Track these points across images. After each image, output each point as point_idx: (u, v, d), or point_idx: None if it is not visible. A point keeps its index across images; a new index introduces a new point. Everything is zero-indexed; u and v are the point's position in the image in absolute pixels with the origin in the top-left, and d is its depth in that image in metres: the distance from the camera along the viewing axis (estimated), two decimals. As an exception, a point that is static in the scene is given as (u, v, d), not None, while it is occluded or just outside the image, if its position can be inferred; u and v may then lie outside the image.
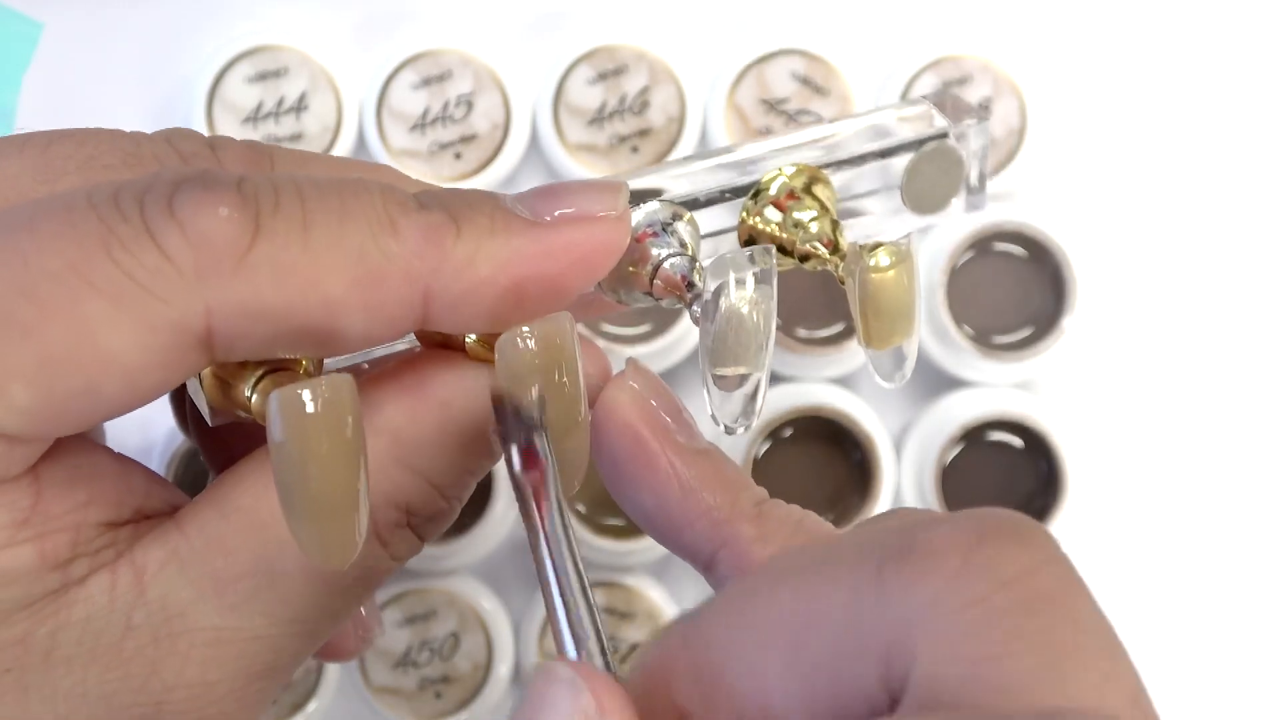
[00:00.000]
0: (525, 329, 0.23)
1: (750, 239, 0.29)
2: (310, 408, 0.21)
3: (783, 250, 0.28)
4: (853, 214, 0.30)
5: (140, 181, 0.23)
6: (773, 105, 0.47)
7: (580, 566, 0.23)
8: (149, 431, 0.46)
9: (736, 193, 0.28)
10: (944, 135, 0.29)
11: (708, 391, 0.26)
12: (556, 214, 0.24)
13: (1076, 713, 0.17)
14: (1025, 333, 0.48)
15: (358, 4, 0.48)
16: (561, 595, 0.22)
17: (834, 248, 0.28)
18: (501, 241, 0.24)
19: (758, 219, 0.29)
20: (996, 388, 0.48)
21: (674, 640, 0.22)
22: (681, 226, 0.27)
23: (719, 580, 0.25)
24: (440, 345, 0.26)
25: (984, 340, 0.47)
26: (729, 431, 0.27)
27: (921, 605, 0.19)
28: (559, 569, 0.23)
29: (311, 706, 0.47)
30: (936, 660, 0.18)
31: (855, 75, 0.47)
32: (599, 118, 0.47)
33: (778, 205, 0.29)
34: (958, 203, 0.30)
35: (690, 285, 0.26)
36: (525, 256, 0.24)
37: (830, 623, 0.19)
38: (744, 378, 0.26)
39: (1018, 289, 0.48)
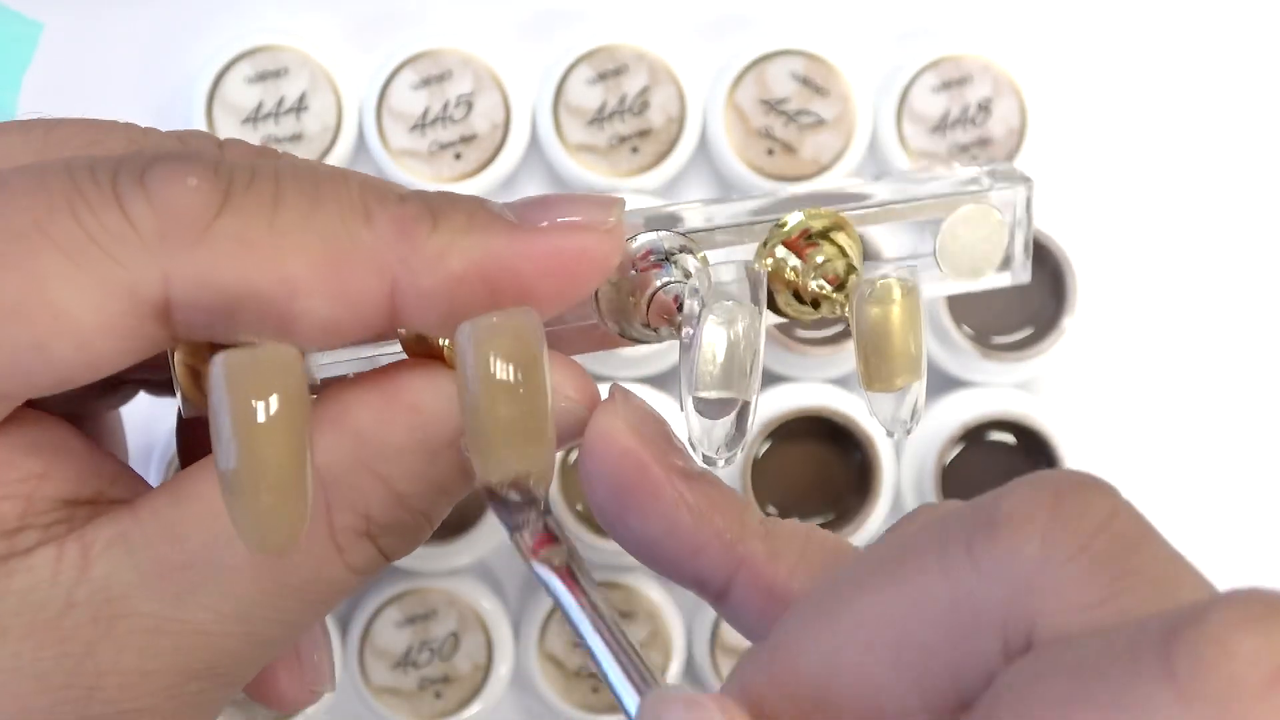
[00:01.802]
0: (486, 315, 0.22)
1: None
2: (251, 368, 0.21)
3: (798, 298, 0.27)
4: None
5: (121, 155, 0.23)
6: (773, 105, 0.47)
7: (622, 628, 0.23)
8: (151, 433, 0.46)
9: (754, 223, 0.27)
10: (983, 195, 0.28)
11: (688, 419, 0.25)
12: (543, 223, 0.24)
13: (1208, 602, 0.17)
14: (1025, 333, 0.48)
15: (358, 4, 0.48)
16: (623, 666, 0.22)
17: (840, 285, 0.27)
18: (477, 239, 0.23)
19: (770, 260, 0.27)
20: (996, 388, 0.48)
21: (754, 672, 0.21)
22: (688, 259, 0.26)
23: (733, 606, 0.25)
24: (425, 355, 0.25)
25: (984, 340, 0.47)
26: (709, 462, 0.25)
27: (1030, 567, 0.19)
28: (617, 643, 0.23)
29: (312, 706, 0.47)
30: (1059, 612, 0.19)
31: (855, 75, 0.47)
32: (599, 118, 0.47)
33: (789, 245, 0.27)
34: (1000, 270, 0.29)
35: (680, 307, 0.25)
36: (501, 256, 0.23)
37: (935, 610, 0.20)
38: (729, 404, 0.25)
39: (1018, 289, 0.47)
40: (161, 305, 0.22)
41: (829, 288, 0.27)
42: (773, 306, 0.28)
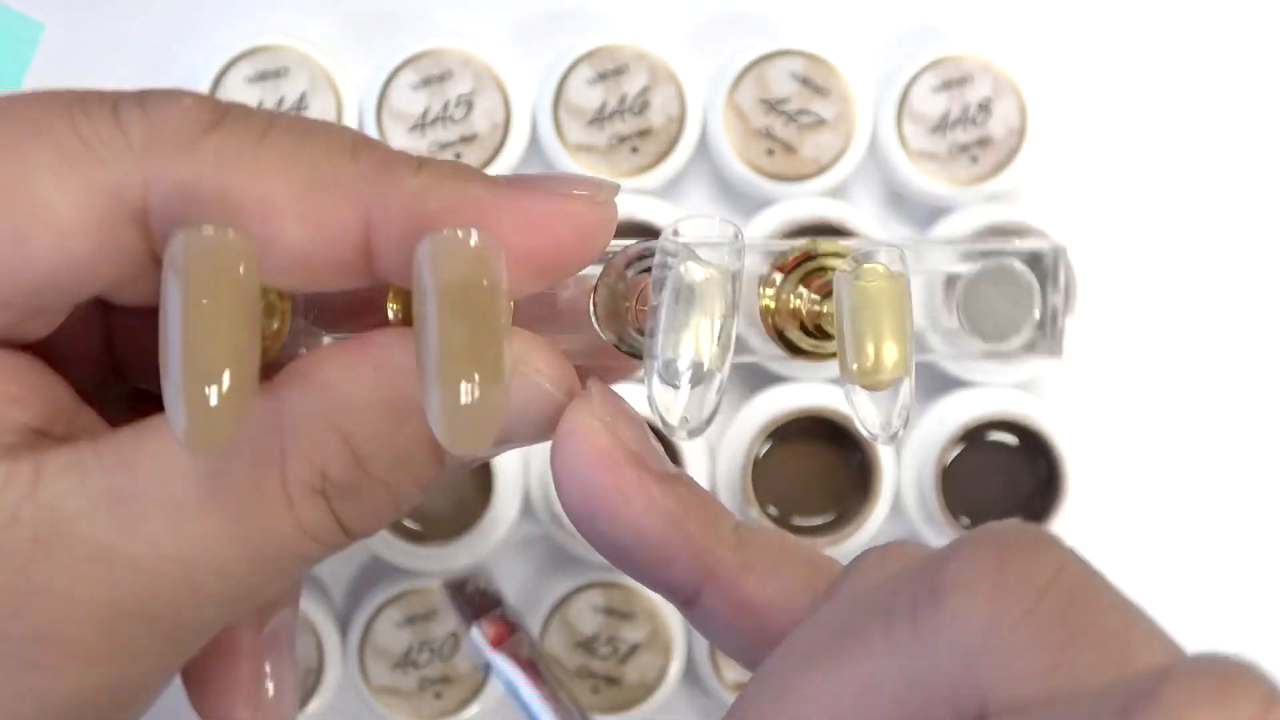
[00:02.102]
0: (448, 230, 0.22)
1: (764, 313, 0.26)
2: (203, 241, 0.21)
3: (805, 330, 0.26)
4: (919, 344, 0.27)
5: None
6: (773, 105, 0.47)
7: (585, 716, 0.22)
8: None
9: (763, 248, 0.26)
10: (1012, 253, 0.26)
11: (650, 386, 0.24)
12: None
13: (1164, 671, 0.17)
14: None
15: (358, 4, 0.48)
16: None
17: (829, 293, 0.25)
18: (460, 185, 0.23)
19: (770, 289, 0.26)
20: (996, 388, 0.48)
21: None
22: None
23: (701, 615, 0.24)
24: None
25: (984, 340, 0.47)
26: (669, 432, 0.24)
27: (975, 638, 0.18)
28: None
29: (311, 706, 0.47)
30: (1010, 682, 0.18)
31: (855, 75, 0.47)
32: (599, 118, 0.47)
33: (783, 269, 0.26)
34: (1030, 342, 0.27)
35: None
36: (481, 204, 0.23)
37: (887, 685, 0.19)
38: (695, 371, 0.23)
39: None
40: (139, 209, 0.23)
41: (818, 298, 0.26)
42: (789, 345, 0.27)
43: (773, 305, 0.26)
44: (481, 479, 0.46)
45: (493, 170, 0.46)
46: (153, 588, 0.23)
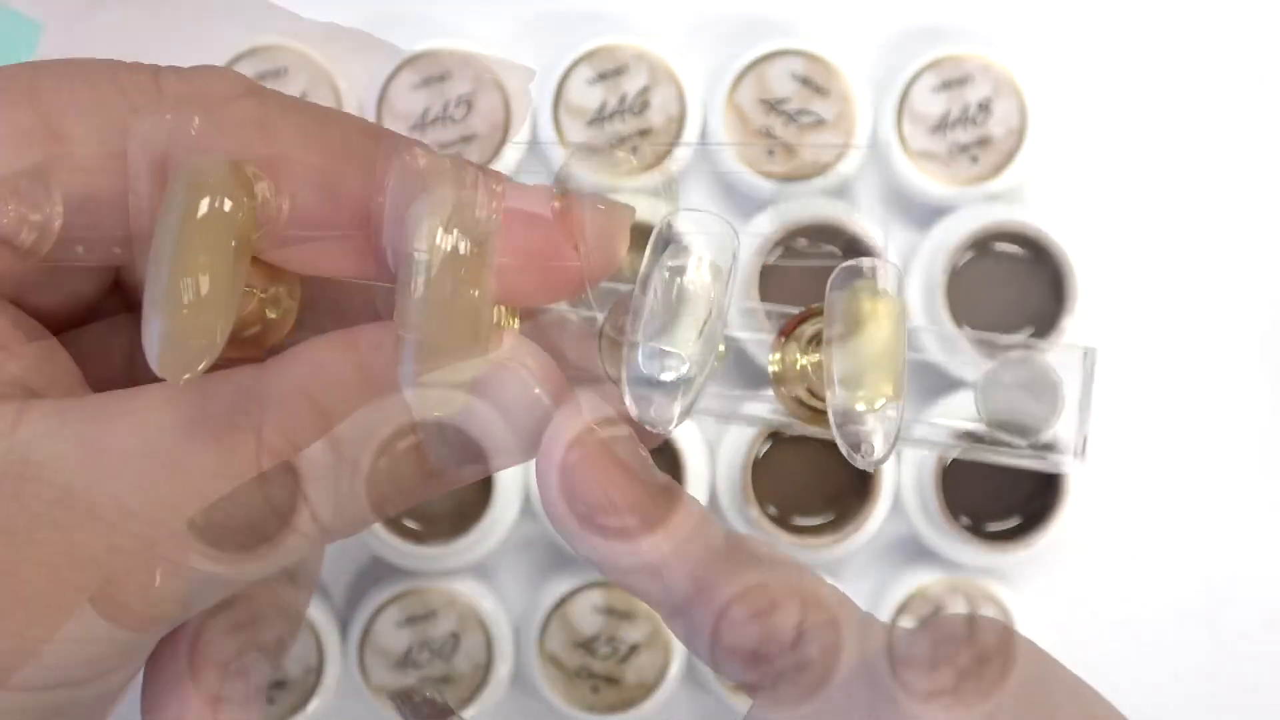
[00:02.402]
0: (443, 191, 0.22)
1: (774, 379, 0.26)
2: (209, 159, 0.22)
3: (813, 392, 0.25)
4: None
5: None
6: (773, 105, 0.47)
7: None
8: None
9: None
10: (1039, 350, 0.26)
11: (623, 371, 0.23)
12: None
13: None
14: (1026, 333, 0.48)
15: (358, 4, 0.48)
16: None
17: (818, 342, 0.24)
18: (471, 171, 0.23)
19: (778, 354, 0.25)
20: (996, 388, 0.48)
21: None
22: None
23: (686, 626, 0.24)
24: None
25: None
26: (650, 423, 0.23)
27: None
28: None
29: (311, 706, 0.47)
30: None
31: (855, 75, 0.47)
32: (599, 118, 0.47)
33: (785, 332, 0.25)
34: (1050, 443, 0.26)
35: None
36: (489, 187, 0.23)
37: None
38: (670, 359, 0.23)
39: (1018, 289, 0.48)
40: (161, 162, 0.23)
41: (809, 347, 0.25)
42: (805, 408, 0.26)
43: (779, 370, 0.26)
44: (481, 478, 0.46)
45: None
46: (109, 542, 0.23)
